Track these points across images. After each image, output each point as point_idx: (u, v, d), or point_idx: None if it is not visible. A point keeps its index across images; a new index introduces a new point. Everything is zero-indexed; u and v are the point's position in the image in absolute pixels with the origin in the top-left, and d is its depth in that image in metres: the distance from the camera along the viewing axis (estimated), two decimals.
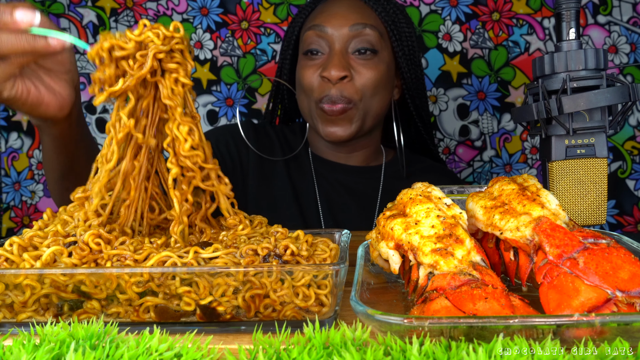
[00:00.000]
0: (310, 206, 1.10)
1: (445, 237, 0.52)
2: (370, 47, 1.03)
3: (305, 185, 1.12)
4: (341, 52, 1.02)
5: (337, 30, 1.03)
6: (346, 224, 1.10)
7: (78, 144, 0.82)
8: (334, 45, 1.03)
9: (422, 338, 0.41)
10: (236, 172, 1.10)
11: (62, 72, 0.73)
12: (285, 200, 1.10)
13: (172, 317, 0.52)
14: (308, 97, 1.06)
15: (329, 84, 1.02)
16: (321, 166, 1.14)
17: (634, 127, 1.43)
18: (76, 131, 0.80)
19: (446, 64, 1.44)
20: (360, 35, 1.03)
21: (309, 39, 1.05)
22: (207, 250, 0.54)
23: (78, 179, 0.86)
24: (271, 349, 0.42)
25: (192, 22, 1.46)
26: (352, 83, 1.02)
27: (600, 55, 0.71)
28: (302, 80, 1.06)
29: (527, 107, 0.73)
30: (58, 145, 0.80)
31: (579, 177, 0.72)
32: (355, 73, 1.02)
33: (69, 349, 0.41)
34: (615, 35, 1.40)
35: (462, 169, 1.49)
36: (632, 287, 0.45)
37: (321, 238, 0.61)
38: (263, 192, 1.10)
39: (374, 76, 1.03)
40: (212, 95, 1.48)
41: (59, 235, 0.58)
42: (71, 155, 0.83)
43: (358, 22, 1.03)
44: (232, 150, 1.11)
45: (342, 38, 1.03)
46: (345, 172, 1.13)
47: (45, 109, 0.71)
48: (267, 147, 1.13)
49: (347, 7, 1.05)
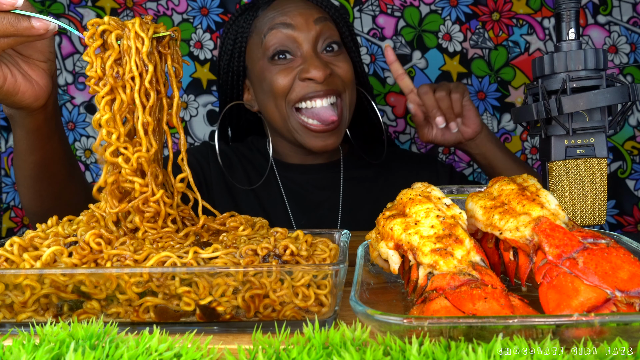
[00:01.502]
0: (278, 211, 1.12)
1: (444, 237, 0.52)
2: (335, 41, 1.05)
3: (271, 192, 1.13)
4: (314, 52, 1.02)
5: (304, 27, 1.02)
6: (317, 220, 1.11)
7: (52, 141, 0.80)
8: (304, 46, 1.02)
9: (422, 338, 0.41)
10: (202, 189, 1.11)
11: (40, 60, 0.71)
12: (251, 210, 1.11)
13: (172, 317, 0.52)
14: (281, 102, 1.03)
15: (311, 84, 1.01)
16: (285, 170, 1.15)
17: (634, 127, 1.43)
18: (51, 126, 0.78)
19: (446, 64, 1.44)
20: (326, 32, 1.04)
21: (274, 40, 1.03)
22: (207, 250, 0.54)
23: (52, 182, 0.83)
24: (271, 349, 0.42)
25: (192, 22, 1.46)
26: (335, 77, 1.03)
27: (600, 55, 0.71)
28: (273, 86, 1.02)
29: (527, 107, 0.73)
30: (32, 140, 0.78)
31: (578, 177, 0.72)
32: (333, 67, 1.03)
33: (69, 349, 0.41)
34: (615, 35, 1.40)
35: (462, 169, 1.49)
36: (631, 287, 0.45)
37: (321, 238, 0.61)
38: (229, 205, 1.12)
39: (349, 68, 1.05)
40: (212, 95, 1.48)
41: (59, 235, 0.58)
42: (45, 154, 0.80)
43: (319, 15, 1.04)
44: (196, 169, 1.12)
45: (311, 37, 1.02)
46: (309, 172, 1.15)
47: (20, 97, 0.70)
48: (227, 165, 1.14)
49: (303, 4, 1.05)
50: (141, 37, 0.58)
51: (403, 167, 1.19)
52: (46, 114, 0.75)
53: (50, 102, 0.75)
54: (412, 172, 1.17)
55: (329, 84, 1.01)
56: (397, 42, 1.45)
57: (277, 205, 1.13)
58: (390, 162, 1.19)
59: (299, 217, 1.12)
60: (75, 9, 1.46)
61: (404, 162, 1.21)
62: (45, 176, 0.83)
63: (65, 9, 1.46)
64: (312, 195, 1.14)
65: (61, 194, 0.86)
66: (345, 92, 1.05)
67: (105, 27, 0.58)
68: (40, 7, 1.45)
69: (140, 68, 0.58)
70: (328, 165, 1.16)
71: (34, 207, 0.87)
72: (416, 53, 1.45)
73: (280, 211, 1.12)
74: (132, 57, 0.58)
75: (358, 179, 1.16)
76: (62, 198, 0.86)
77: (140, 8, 1.46)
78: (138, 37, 0.58)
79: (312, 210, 1.13)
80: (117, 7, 1.46)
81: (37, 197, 0.85)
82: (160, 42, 0.61)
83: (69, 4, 1.46)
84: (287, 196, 1.13)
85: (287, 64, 1.03)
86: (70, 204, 0.84)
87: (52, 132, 0.79)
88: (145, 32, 0.59)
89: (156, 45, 0.61)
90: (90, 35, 0.58)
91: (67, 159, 0.84)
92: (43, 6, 1.45)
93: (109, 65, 0.58)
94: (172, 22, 1.46)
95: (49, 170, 0.82)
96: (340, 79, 1.04)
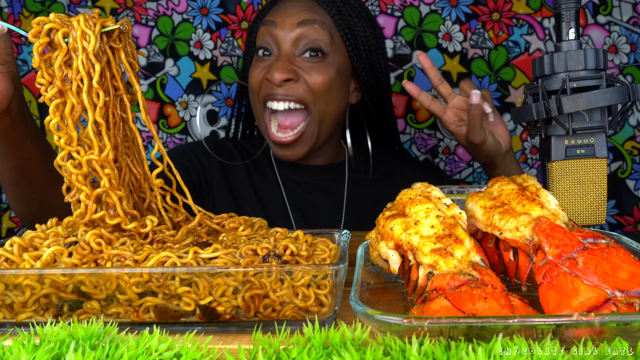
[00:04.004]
0: (278, 210, 1.12)
1: (444, 237, 0.52)
2: (317, 47, 1.02)
3: (271, 190, 1.13)
4: (287, 55, 1.02)
5: (286, 27, 1.02)
6: (317, 220, 1.11)
7: (25, 145, 0.77)
8: (282, 46, 1.02)
9: (422, 338, 0.41)
10: (202, 186, 1.11)
11: None
12: (251, 208, 1.11)
13: (172, 317, 0.52)
14: (255, 98, 1.06)
15: (272, 85, 1.01)
16: (285, 169, 1.14)
17: (634, 127, 1.43)
18: (20, 130, 0.75)
19: (446, 64, 1.44)
20: (308, 36, 1.02)
21: (260, 37, 1.05)
22: (207, 250, 0.54)
23: (34, 187, 0.81)
24: (271, 349, 0.42)
25: (192, 22, 1.46)
26: (299, 84, 1.01)
27: (600, 55, 0.71)
28: (250, 80, 1.06)
29: (527, 107, 0.73)
30: (2, 146, 0.75)
31: (578, 177, 0.72)
32: (304, 74, 1.02)
33: (69, 349, 0.41)
34: (615, 35, 1.40)
35: (462, 169, 1.49)
36: (631, 287, 0.45)
37: (321, 238, 0.61)
38: (228, 203, 1.11)
39: (323, 79, 1.02)
40: (212, 95, 1.48)
41: (59, 235, 0.58)
42: (20, 159, 0.78)
43: (307, 18, 1.02)
44: (196, 165, 1.12)
45: (290, 38, 1.02)
46: (310, 172, 1.14)
47: None
48: (228, 160, 1.14)
49: (300, 5, 1.04)
50: (88, 34, 0.56)
51: (409, 172, 1.18)
52: (11, 117, 0.72)
53: (15, 105, 0.72)
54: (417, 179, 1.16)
55: (287, 90, 1.01)
56: (397, 42, 1.45)
57: (278, 206, 1.12)
58: (396, 170, 1.18)
59: (299, 219, 1.11)
60: (75, 9, 1.46)
61: (412, 169, 1.20)
62: (25, 181, 0.80)
63: (65, 9, 1.46)
64: (313, 197, 1.13)
65: (46, 197, 0.83)
66: (315, 104, 1.02)
67: (51, 25, 0.56)
68: (40, 7, 1.45)
69: (87, 67, 0.56)
70: (331, 167, 1.16)
71: (20, 211, 0.86)
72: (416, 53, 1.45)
73: (281, 211, 1.12)
74: (79, 56, 0.56)
75: (362, 181, 1.15)
76: (48, 202, 0.83)
77: (140, 8, 1.46)
78: (85, 35, 0.56)
79: (313, 211, 1.12)
80: (117, 7, 1.46)
81: (21, 202, 0.84)
82: (111, 37, 0.59)
83: (69, 4, 1.46)
84: (288, 196, 1.13)
85: (266, 60, 1.04)
86: (56, 207, 0.81)
87: (22, 136, 0.76)
88: (91, 28, 0.56)
89: (107, 41, 0.58)
90: (34, 33, 0.56)
91: (46, 162, 0.81)
92: (43, 6, 1.45)
93: (57, 66, 0.56)
94: (172, 22, 1.46)
95: (27, 175, 0.80)
96: (307, 89, 1.01)
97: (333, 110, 1.05)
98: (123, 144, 0.61)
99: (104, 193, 0.58)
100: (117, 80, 0.60)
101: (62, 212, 0.66)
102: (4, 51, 0.68)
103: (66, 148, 0.57)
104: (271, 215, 1.11)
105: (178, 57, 1.47)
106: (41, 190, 0.83)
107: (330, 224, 1.11)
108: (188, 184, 1.08)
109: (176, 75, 1.47)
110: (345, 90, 1.08)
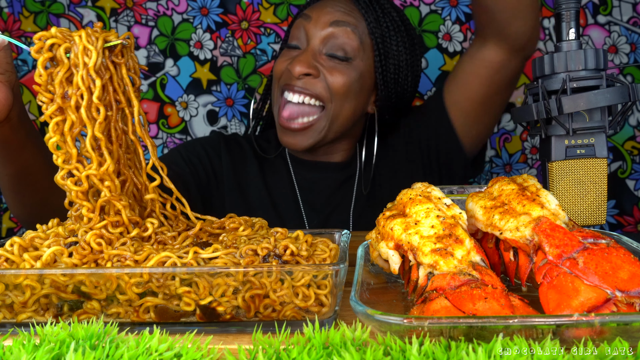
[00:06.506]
0: (290, 208, 1.11)
1: (445, 237, 0.52)
2: (342, 54, 1.02)
3: (284, 188, 1.12)
4: (313, 50, 1.03)
5: (319, 24, 1.03)
6: (333, 220, 1.10)
7: (25, 152, 0.78)
8: (311, 41, 1.03)
9: (422, 338, 0.41)
10: (211, 183, 1.10)
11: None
12: (262, 207, 1.10)
13: (172, 317, 0.52)
14: (276, 85, 1.06)
15: (291, 75, 1.02)
16: (300, 167, 1.14)
17: (634, 127, 1.43)
18: (20, 137, 0.76)
19: (446, 64, 1.44)
20: (338, 37, 1.02)
21: (294, 29, 1.07)
22: (207, 250, 0.54)
23: (34, 192, 0.81)
24: (271, 349, 0.42)
25: (192, 22, 1.46)
26: (318, 80, 1.02)
27: (600, 56, 0.71)
28: (274, 67, 1.07)
29: (527, 107, 0.74)
30: (1, 153, 0.76)
31: (579, 177, 0.72)
32: (325, 72, 1.02)
33: (69, 349, 0.41)
34: (615, 35, 1.40)
35: None
36: (631, 287, 0.45)
37: (321, 238, 0.61)
38: (238, 200, 1.11)
39: (343, 81, 1.02)
40: (212, 95, 1.48)
41: (60, 235, 0.58)
42: (20, 166, 0.78)
43: (341, 19, 1.03)
44: (204, 161, 1.11)
45: (320, 35, 1.03)
46: (326, 170, 1.13)
47: None
48: (239, 156, 1.14)
49: (338, 5, 1.05)
50: (89, 50, 0.56)
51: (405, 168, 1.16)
52: (11, 125, 0.73)
53: (14, 113, 0.73)
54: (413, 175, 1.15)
55: (305, 84, 1.01)
56: None
57: (289, 203, 1.11)
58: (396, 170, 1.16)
59: (312, 216, 1.10)
60: (75, 9, 1.46)
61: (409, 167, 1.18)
62: (26, 186, 0.81)
63: (65, 9, 1.46)
64: (325, 194, 1.12)
65: (46, 201, 0.83)
66: (332, 102, 1.02)
67: (53, 40, 0.56)
68: (40, 7, 1.45)
69: (88, 83, 0.56)
70: (345, 164, 1.14)
71: (19, 214, 0.86)
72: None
73: (292, 209, 1.11)
74: (79, 72, 0.56)
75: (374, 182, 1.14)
76: (48, 205, 0.83)
77: (140, 8, 1.46)
78: (87, 50, 0.56)
79: (325, 209, 1.11)
80: (117, 7, 1.46)
81: (20, 206, 0.84)
82: (113, 52, 0.59)
83: (69, 4, 1.46)
84: (301, 194, 1.12)
85: (293, 52, 1.05)
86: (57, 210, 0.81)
87: (22, 143, 0.77)
88: (93, 43, 0.57)
89: (109, 55, 0.59)
90: (37, 49, 0.56)
91: (47, 167, 0.81)
92: (43, 6, 1.45)
93: (58, 82, 0.56)
94: (172, 22, 1.46)
95: (28, 181, 0.80)
96: (326, 86, 1.02)
97: (348, 112, 1.05)
98: (125, 155, 0.62)
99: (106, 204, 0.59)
100: (119, 94, 0.60)
101: (63, 214, 0.66)
102: (4, 60, 0.69)
103: (65, 167, 0.57)
104: (282, 213, 1.10)
105: (178, 57, 1.47)
106: (42, 195, 0.83)
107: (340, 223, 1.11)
108: (194, 179, 1.07)
109: (176, 75, 1.47)
110: (363, 96, 1.07)
